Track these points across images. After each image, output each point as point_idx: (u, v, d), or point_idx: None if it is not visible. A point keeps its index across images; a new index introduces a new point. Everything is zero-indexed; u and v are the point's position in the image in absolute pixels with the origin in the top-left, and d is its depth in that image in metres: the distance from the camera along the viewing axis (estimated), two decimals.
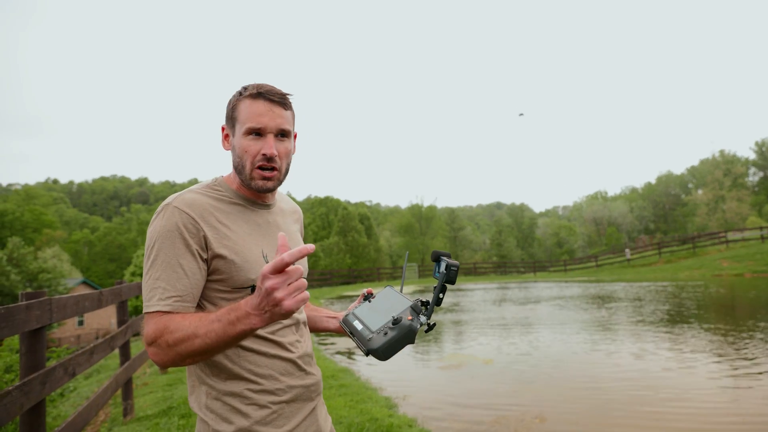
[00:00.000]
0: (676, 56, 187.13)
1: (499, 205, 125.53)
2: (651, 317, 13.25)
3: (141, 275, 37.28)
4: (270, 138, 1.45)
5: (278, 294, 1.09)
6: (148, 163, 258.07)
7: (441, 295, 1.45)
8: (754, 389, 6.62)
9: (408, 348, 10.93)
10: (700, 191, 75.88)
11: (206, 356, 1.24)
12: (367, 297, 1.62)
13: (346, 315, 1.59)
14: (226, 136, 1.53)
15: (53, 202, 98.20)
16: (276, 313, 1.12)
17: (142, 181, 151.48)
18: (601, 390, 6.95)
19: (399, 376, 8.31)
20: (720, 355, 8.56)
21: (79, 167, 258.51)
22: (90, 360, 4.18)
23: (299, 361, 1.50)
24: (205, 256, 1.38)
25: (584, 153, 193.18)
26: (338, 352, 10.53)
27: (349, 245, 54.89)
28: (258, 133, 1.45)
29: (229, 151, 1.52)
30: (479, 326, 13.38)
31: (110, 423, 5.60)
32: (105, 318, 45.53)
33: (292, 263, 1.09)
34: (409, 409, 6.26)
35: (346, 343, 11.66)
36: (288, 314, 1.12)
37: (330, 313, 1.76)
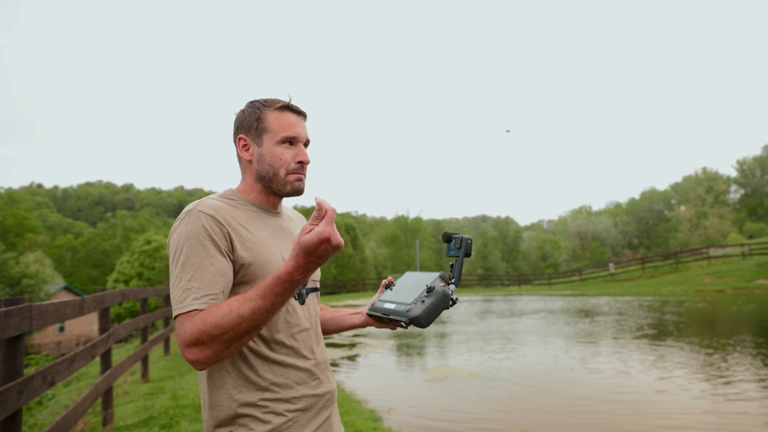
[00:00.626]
0: (661, 76, 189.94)
1: (484, 218, 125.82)
2: (634, 332, 13.29)
3: (125, 282, 36.81)
4: (302, 146, 1.55)
5: (325, 246, 1.20)
6: (135, 170, 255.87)
7: (461, 269, 1.56)
8: (734, 401, 6.64)
9: (392, 359, 10.89)
10: (682, 207, 76.64)
11: (250, 337, 1.28)
12: (388, 285, 1.68)
13: (373, 304, 1.66)
14: (245, 147, 1.57)
15: (37, 207, 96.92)
16: (317, 263, 1.22)
17: (128, 188, 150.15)
18: (586, 405, 6.93)
19: (384, 389, 8.23)
20: (702, 371, 8.59)
21: (64, 172, 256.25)
22: (70, 368, 4.07)
23: (315, 370, 1.51)
24: (232, 258, 1.40)
25: (569, 168, 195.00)
26: None
27: (335, 256, 54.58)
28: (291, 141, 1.53)
29: (249, 161, 1.56)
30: (464, 339, 13.35)
31: None
32: (87, 324, 44.88)
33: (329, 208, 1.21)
34: (394, 422, 6.20)
35: (330, 354, 11.55)
36: (339, 246, 1.22)
37: (351, 310, 1.79)
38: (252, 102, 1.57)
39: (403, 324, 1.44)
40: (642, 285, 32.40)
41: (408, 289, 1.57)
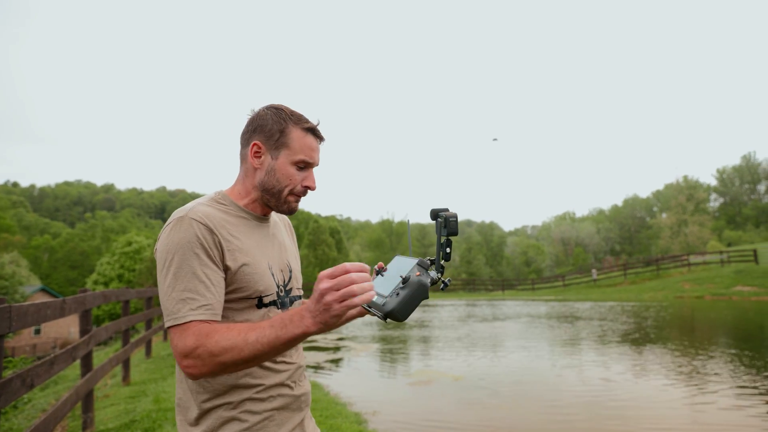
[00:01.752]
0: (644, 86, 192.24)
1: (469, 223, 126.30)
2: (617, 337, 13.40)
3: (104, 284, 36.28)
4: (313, 173, 1.55)
5: (328, 297, 1.12)
6: (115, 169, 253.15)
7: (448, 249, 1.49)
8: (714, 405, 6.70)
9: (376, 362, 10.86)
10: (664, 215, 77.70)
11: (252, 364, 1.25)
12: (379, 271, 1.62)
13: None
14: (257, 153, 1.53)
15: (12, 206, 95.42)
16: (327, 316, 1.14)
17: (108, 188, 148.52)
18: (569, 409, 6.96)
19: (368, 392, 8.20)
20: (683, 376, 8.67)
21: (41, 171, 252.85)
22: (50, 371, 3.99)
23: (293, 374, 1.53)
24: (221, 266, 1.40)
25: (553, 174, 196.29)
26: (307, 366, 10.36)
27: (319, 258, 54.60)
28: (304, 165, 1.53)
29: (256, 168, 1.53)
30: (448, 343, 13.36)
31: None
32: (64, 327, 44.24)
33: (352, 271, 1.14)
34: (379, 425, 6.18)
35: (314, 357, 11.50)
36: (336, 318, 1.15)
37: None
38: (278, 110, 1.53)
39: (380, 317, 1.40)
40: (624, 291, 32.73)
41: (392, 277, 1.51)
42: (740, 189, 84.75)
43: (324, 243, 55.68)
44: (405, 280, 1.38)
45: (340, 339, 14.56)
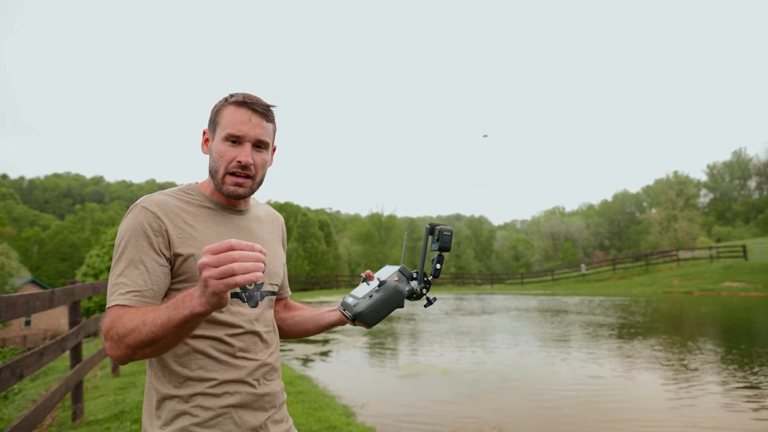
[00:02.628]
0: (635, 81, 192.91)
1: (458, 217, 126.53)
2: (605, 331, 13.53)
3: (94, 276, 36.12)
4: (247, 146, 1.46)
5: (206, 272, 1.06)
6: (105, 162, 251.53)
7: (438, 265, 1.43)
8: (701, 399, 6.81)
9: (365, 355, 10.91)
10: (653, 210, 77.94)
11: (156, 347, 1.21)
12: (365, 279, 1.57)
13: (344, 298, 1.56)
14: (206, 140, 1.54)
15: (1, 198, 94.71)
16: (207, 293, 1.08)
17: (98, 180, 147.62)
18: (557, 402, 7.05)
19: (357, 384, 8.26)
20: (671, 370, 8.78)
21: (30, 163, 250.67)
22: (39, 362, 4.01)
23: (255, 371, 1.47)
24: (168, 255, 1.39)
25: (543, 169, 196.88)
26: (296, 358, 10.42)
27: (308, 252, 54.55)
28: (236, 140, 1.46)
29: (207, 155, 1.53)
30: (437, 336, 13.44)
31: (58, 427, 5.38)
32: (54, 318, 44.06)
33: (237, 249, 1.07)
34: (368, 417, 6.23)
35: (303, 349, 11.54)
36: (216, 296, 1.08)
37: (331, 307, 1.71)
38: (223, 97, 1.53)
39: (348, 318, 1.34)
40: (612, 286, 32.93)
41: (372, 284, 1.48)
42: (730, 185, 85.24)
43: (313, 236, 55.60)
44: (381, 284, 1.36)
45: (330, 332, 14.59)
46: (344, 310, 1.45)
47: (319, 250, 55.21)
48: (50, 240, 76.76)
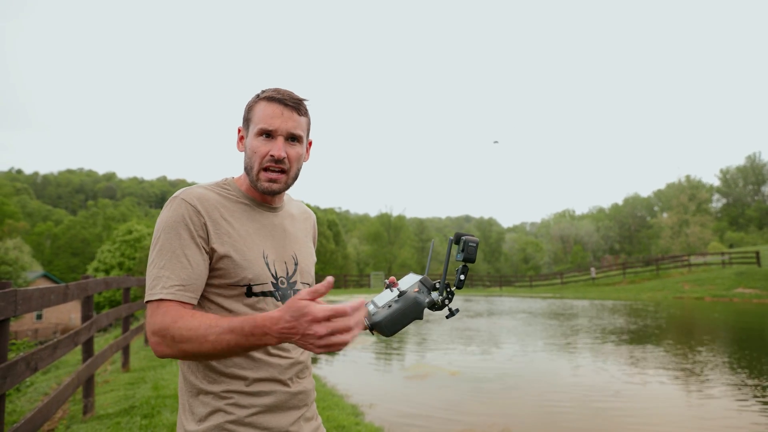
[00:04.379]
0: (649, 85, 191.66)
1: (467, 218, 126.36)
2: (614, 335, 13.46)
3: (105, 271, 36.25)
4: (280, 140, 1.46)
5: (311, 338, 1.10)
6: (117, 158, 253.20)
7: (462, 276, 1.42)
8: (710, 406, 6.77)
9: (372, 356, 10.93)
10: (665, 214, 77.40)
11: (210, 359, 1.29)
12: (389, 286, 1.52)
13: (366, 304, 1.51)
14: (241, 138, 1.54)
15: (16, 193, 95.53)
16: (292, 342, 1.14)
17: (110, 176, 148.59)
18: (565, 405, 7.03)
19: (365, 385, 8.27)
20: (680, 376, 8.73)
21: (44, 158, 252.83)
22: (53, 355, 4.06)
23: (289, 369, 1.47)
24: (207, 249, 1.40)
25: (554, 171, 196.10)
26: None
27: (317, 251, 54.61)
28: (269, 134, 1.46)
29: (242, 153, 1.53)
30: (445, 337, 13.43)
31: (69, 420, 5.44)
32: (65, 313, 44.38)
33: (350, 316, 1.10)
34: (376, 417, 6.25)
35: None
36: (308, 348, 1.12)
37: None
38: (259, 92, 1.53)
39: (367, 326, 1.34)
40: (622, 290, 32.72)
41: (394, 292, 1.45)
42: (744, 190, 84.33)
43: (322, 235, 55.79)
44: (401, 294, 1.35)
45: None
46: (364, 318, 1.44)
47: (328, 249, 55.33)
48: (63, 235, 77.31)
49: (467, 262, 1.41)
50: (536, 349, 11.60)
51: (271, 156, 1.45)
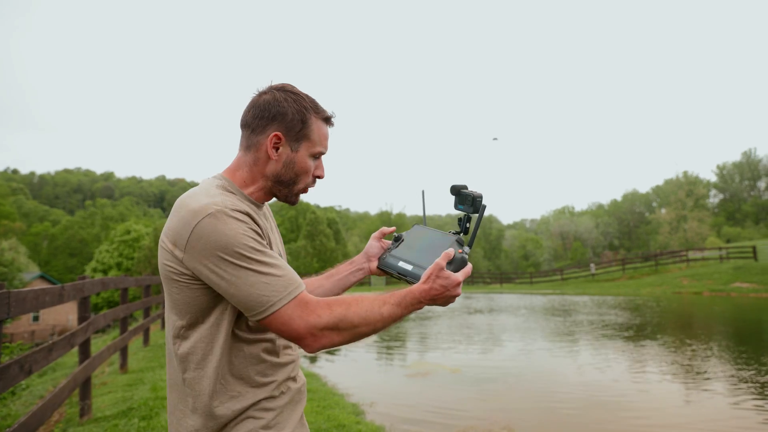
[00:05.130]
0: (645, 82, 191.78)
1: (468, 216, 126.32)
2: (613, 331, 13.42)
3: (103, 271, 36.13)
4: (322, 161, 1.51)
5: (459, 290, 1.40)
6: (115, 158, 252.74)
7: (467, 225, 1.57)
8: (709, 400, 6.72)
9: (373, 354, 10.89)
10: (663, 210, 77.51)
11: (367, 335, 1.36)
12: (398, 238, 1.66)
13: (385, 259, 1.63)
14: (277, 145, 1.43)
15: (12, 193, 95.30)
16: (435, 303, 1.40)
17: (108, 176, 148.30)
18: (566, 402, 6.98)
19: (365, 384, 8.22)
20: (680, 372, 8.69)
21: (41, 158, 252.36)
22: (48, 357, 3.98)
23: (294, 365, 1.49)
24: None
25: (553, 168, 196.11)
26: (304, 356, 10.39)
27: (317, 249, 54.68)
28: (318, 156, 1.50)
29: (271, 159, 1.43)
30: (445, 335, 13.39)
31: (65, 423, 5.37)
32: (62, 314, 44.27)
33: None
34: (377, 416, 6.19)
35: None
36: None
37: (347, 267, 1.74)
38: (296, 96, 1.44)
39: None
40: (622, 285, 32.74)
41: (423, 248, 1.54)
42: (740, 185, 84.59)
43: (322, 233, 55.77)
44: (451, 260, 1.41)
45: None
46: (404, 276, 1.51)
47: (328, 247, 55.32)
48: (60, 235, 77.15)
49: (476, 213, 1.53)
50: (537, 345, 11.55)
51: (317, 177, 1.51)
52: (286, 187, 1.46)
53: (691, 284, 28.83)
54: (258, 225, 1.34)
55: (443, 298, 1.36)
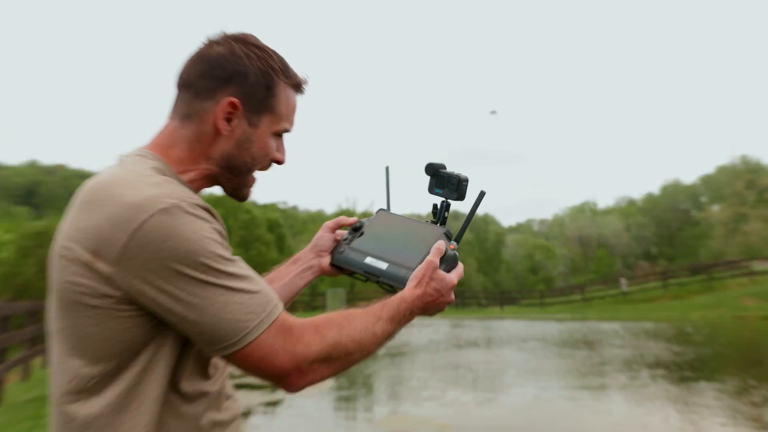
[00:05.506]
0: (689, 42, 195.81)
1: (456, 216, 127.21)
2: (654, 371, 13.51)
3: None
4: (283, 141, 1.49)
5: (452, 296, 1.50)
6: (113, 157, 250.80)
7: (446, 214, 1.65)
8: None
9: (329, 405, 10.80)
10: (716, 207, 78.95)
11: (356, 364, 1.39)
12: (357, 228, 1.69)
13: (345, 254, 1.64)
14: (230, 116, 1.36)
15: None
16: (429, 312, 1.51)
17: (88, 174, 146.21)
18: None
19: None
20: (743, 425, 8.73)
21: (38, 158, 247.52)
22: None
23: (236, 423, 1.44)
24: None
25: (569, 152, 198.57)
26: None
27: (253, 261, 54.16)
28: (280, 134, 1.48)
29: (221, 136, 1.37)
30: (428, 378, 13.36)
31: None
32: None
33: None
34: None
35: (244, 398, 11.28)
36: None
37: (291, 269, 1.76)
38: (264, 53, 1.39)
39: (391, 292, 1.47)
40: (664, 308, 33.21)
41: (395, 240, 1.58)
42: None
43: (259, 240, 55.68)
44: (442, 258, 1.47)
45: None
46: (369, 274, 1.54)
47: (268, 258, 54.96)
48: None
49: (460, 200, 1.60)
50: (551, 391, 11.60)
51: (276, 162, 1.48)
52: (237, 175, 1.43)
53: (757, 306, 29.30)
54: (220, 224, 1.31)
55: (435, 305, 1.45)
